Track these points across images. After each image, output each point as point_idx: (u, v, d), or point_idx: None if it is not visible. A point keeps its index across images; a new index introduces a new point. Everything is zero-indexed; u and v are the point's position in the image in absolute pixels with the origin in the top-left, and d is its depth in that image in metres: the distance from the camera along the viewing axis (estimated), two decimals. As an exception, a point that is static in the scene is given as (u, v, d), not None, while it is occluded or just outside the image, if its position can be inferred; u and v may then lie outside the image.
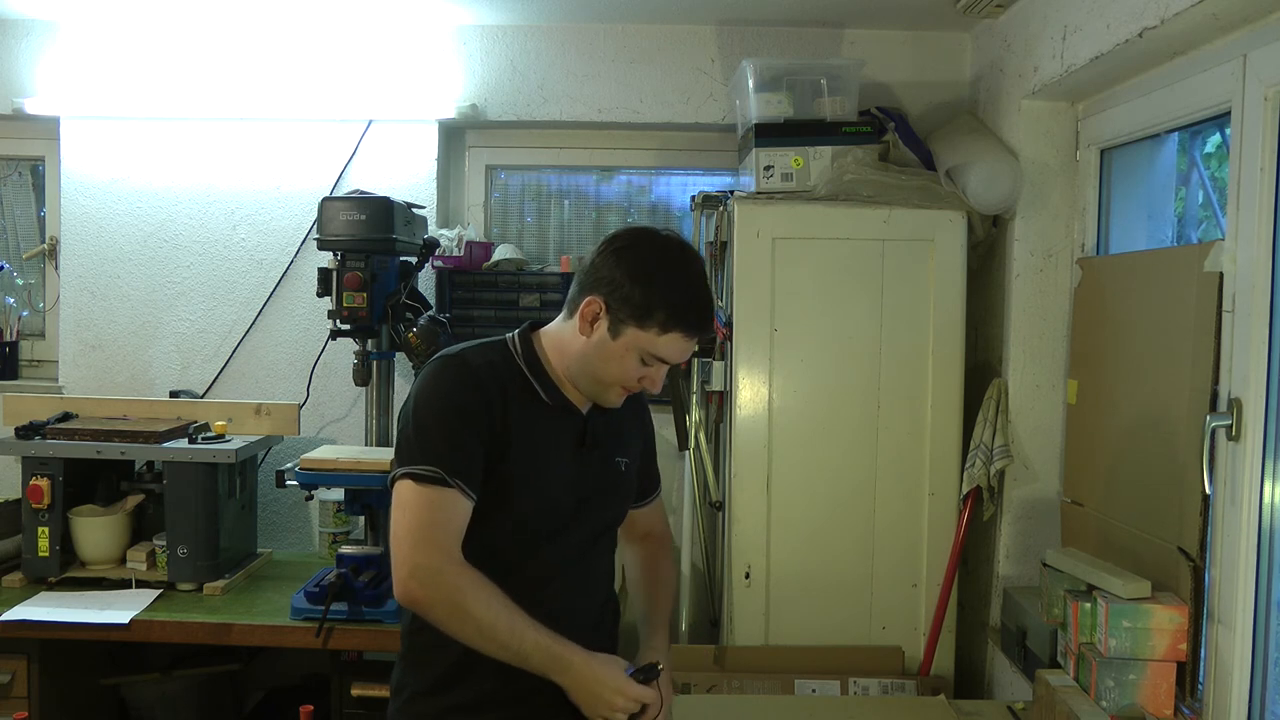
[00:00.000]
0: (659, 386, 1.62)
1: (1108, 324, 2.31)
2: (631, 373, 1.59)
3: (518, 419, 1.57)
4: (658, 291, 1.54)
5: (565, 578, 1.63)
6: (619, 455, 1.71)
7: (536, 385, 1.61)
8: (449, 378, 1.56)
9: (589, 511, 1.65)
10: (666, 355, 1.57)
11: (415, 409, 1.55)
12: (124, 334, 3.23)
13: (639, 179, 3.38)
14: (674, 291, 1.55)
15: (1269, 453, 1.80)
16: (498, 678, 1.56)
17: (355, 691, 2.51)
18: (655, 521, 1.89)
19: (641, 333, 1.55)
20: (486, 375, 1.57)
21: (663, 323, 1.54)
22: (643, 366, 1.58)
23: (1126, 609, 1.91)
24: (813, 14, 2.97)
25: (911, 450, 2.60)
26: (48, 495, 2.70)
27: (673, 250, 1.59)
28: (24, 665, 2.56)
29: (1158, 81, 2.15)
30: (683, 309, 1.55)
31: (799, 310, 2.58)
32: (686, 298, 1.56)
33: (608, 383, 1.60)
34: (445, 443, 1.52)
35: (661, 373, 1.61)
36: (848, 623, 2.61)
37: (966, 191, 2.53)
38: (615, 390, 1.62)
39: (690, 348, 1.60)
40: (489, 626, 1.46)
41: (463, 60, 3.14)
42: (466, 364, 1.57)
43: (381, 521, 2.75)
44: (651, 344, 1.55)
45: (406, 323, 2.80)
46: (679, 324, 1.55)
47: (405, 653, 1.66)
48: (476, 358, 1.59)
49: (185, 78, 3.16)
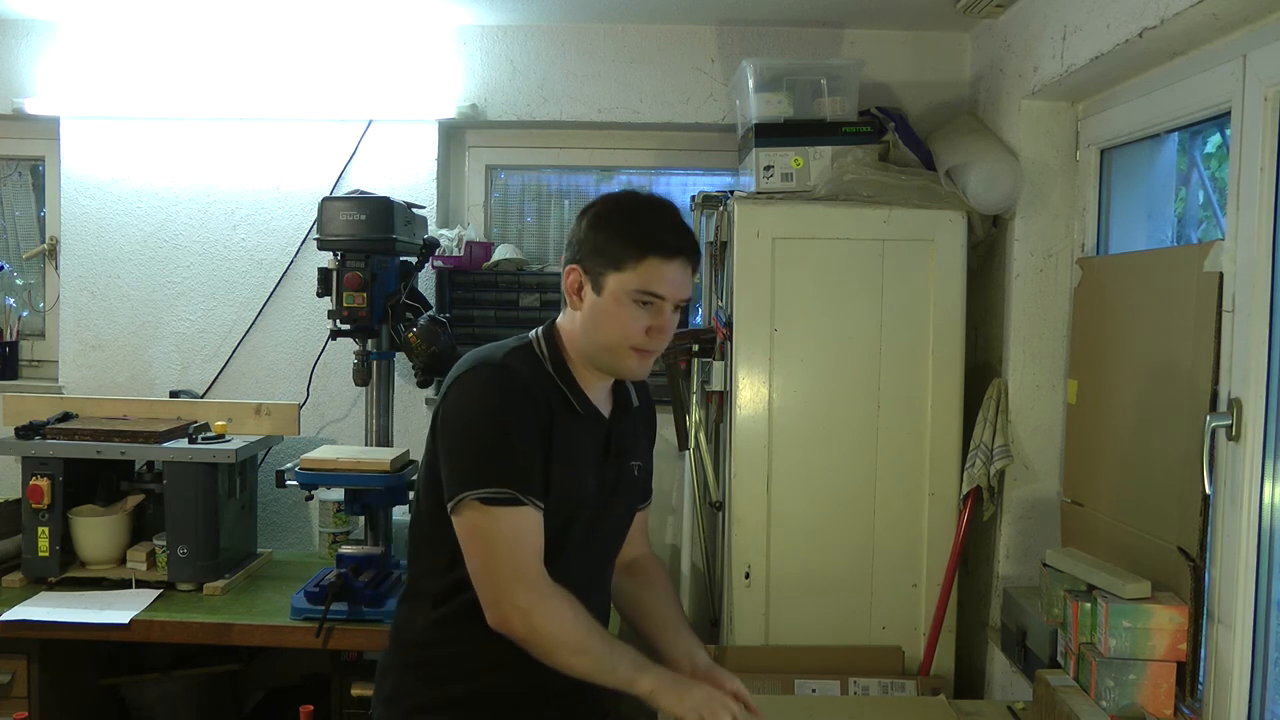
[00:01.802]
0: (668, 333, 1.54)
1: (1108, 324, 2.31)
2: (631, 325, 1.52)
3: (559, 430, 1.54)
4: (619, 228, 1.52)
5: (578, 585, 1.59)
6: (633, 459, 1.71)
7: (569, 394, 1.57)
8: (500, 389, 1.51)
9: (606, 517, 1.65)
10: (653, 286, 1.51)
11: (469, 423, 1.50)
12: (124, 334, 3.23)
13: (639, 179, 3.38)
14: (635, 223, 1.52)
15: (1269, 453, 1.80)
16: (518, 701, 1.57)
17: (355, 691, 2.51)
18: (641, 543, 1.83)
19: (621, 275, 1.51)
20: (534, 385, 1.53)
21: (635, 254, 1.50)
22: (642, 312, 1.52)
23: (1126, 609, 1.91)
24: (813, 14, 2.97)
25: (911, 450, 2.60)
26: (48, 495, 2.70)
27: (628, 194, 1.59)
28: (24, 665, 2.56)
29: (1158, 81, 2.15)
30: (648, 231, 1.51)
31: (799, 310, 2.58)
32: (649, 221, 1.53)
33: (616, 347, 1.54)
34: (511, 459, 1.48)
35: (665, 316, 1.53)
36: (848, 623, 2.61)
37: (966, 191, 2.53)
38: (627, 354, 1.55)
39: (681, 274, 1.53)
40: (588, 651, 1.48)
41: (463, 60, 3.14)
42: (514, 373, 1.52)
43: (381, 521, 2.75)
44: (635, 281, 1.50)
45: (406, 323, 2.80)
46: (650, 248, 1.50)
47: (414, 663, 1.61)
48: (517, 364, 1.54)
49: (185, 78, 3.16)
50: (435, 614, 1.59)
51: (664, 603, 1.76)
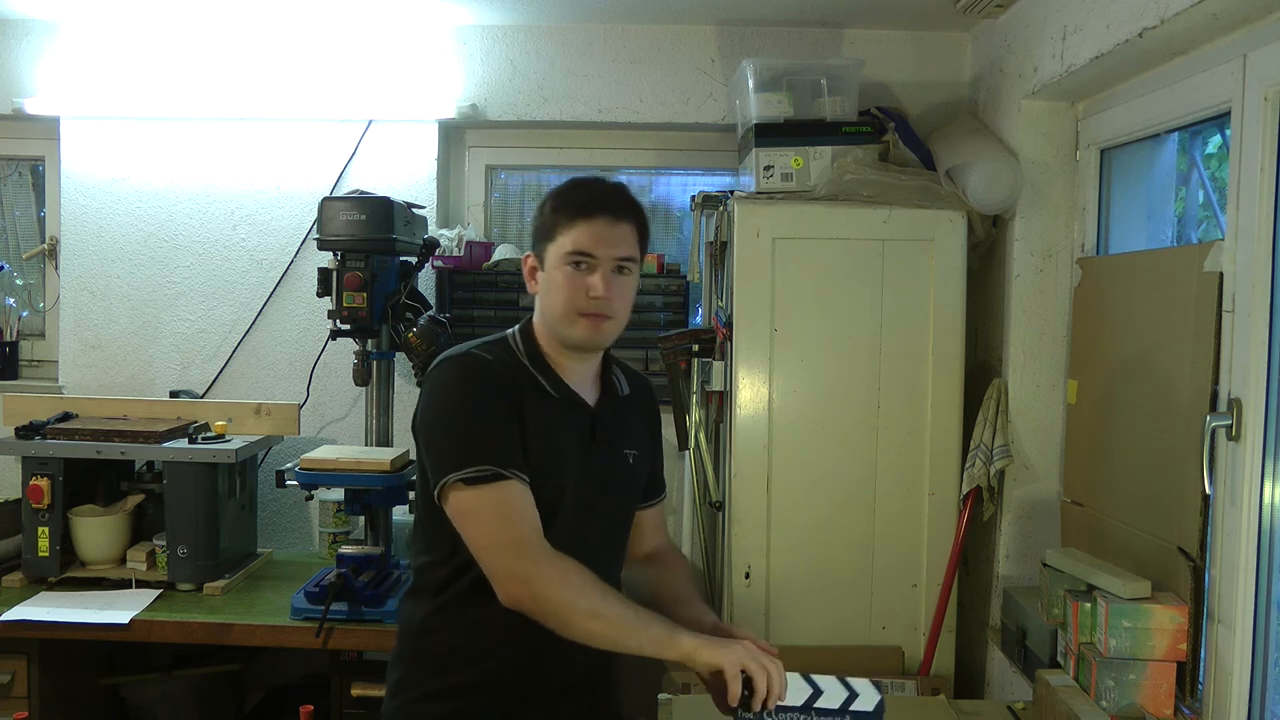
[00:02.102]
0: (610, 294, 1.57)
1: (1108, 324, 2.31)
2: (570, 288, 1.57)
3: (531, 412, 1.56)
4: (551, 204, 1.61)
5: None
6: (628, 448, 1.71)
7: (542, 379, 1.60)
8: (464, 374, 1.56)
9: (601, 505, 1.65)
10: (580, 245, 1.56)
11: (438, 412, 1.54)
12: (124, 334, 3.23)
13: (639, 179, 3.38)
14: (564, 195, 1.61)
15: (1269, 453, 1.80)
16: (522, 693, 1.57)
17: (355, 691, 2.51)
18: (659, 535, 1.85)
19: (555, 244, 1.58)
20: (500, 369, 1.57)
21: (564, 221, 1.57)
22: (578, 274, 1.56)
23: (1126, 609, 1.91)
24: (813, 14, 2.97)
25: (911, 450, 2.59)
26: (48, 495, 2.70)
27: (569, 179, 1.65)
28: (24, 665, 2.56)
29: (1158, 81, 2.15)
30: (573, 198, 1.59)
31: (799, 310, 2.58)
32: (576, 190, 1.61)
33: (564, 315, 1.58)
34: (485, 437, 1.51)
35: (601, 274, 1.57)
36: (848, 623, 2.61)
37: (966, 191, 2.53)
38: (576, 320, 1.58)
39: (608, 230, 1.57)
40: (601, 612, 1.44)
41: (462, 60, 3.14)
42: (477, 359, 1.58)
43: (381, 521, 2.75)
44: (567, 245, 1.57)
45: (406, 323, 2.80)
46: (574, 211, 1.57)
47: (418, 653, 1.63)
48: (484, 353, 1.59)
49: (185, 78, 3.16)
50: (434, 603, 1.62)
51: (680, 581, 1.76)
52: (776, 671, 1.43)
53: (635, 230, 1.61)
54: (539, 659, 1.58)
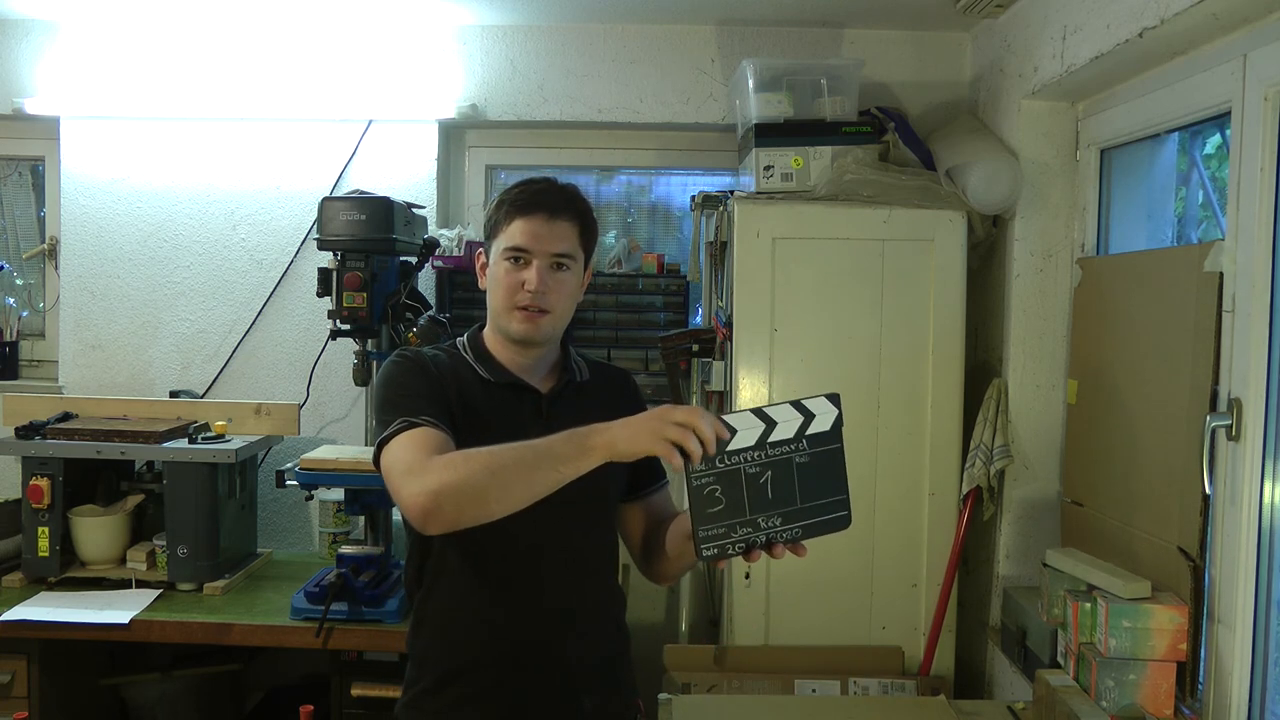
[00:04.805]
0: (536, 283, 1.59)
1: (1108, 324, 2.31)
2: (507, 284, 1.61)
3: (466, 397, 1.61)
4: (496, 203, 1.66)
5: (547, 556, 1.62)
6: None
7: (478, 366, 1.66)
8: (399, 362, 1.64)
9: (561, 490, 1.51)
10: (515, 240, 1.60)
11: (375, 400, 1.62)
12: (124, 334, 3.23)
13: (639, 179, 3.38)
14: (507, 194, 1.65)
15: (1269, 453, 1.80)
16: (496, 671, 1.60)
17: (355, 691, 2.51)
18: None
19: (496, 241, 1.64)
20: (431, 358, 1.65)
21: (504, 218, 1.63)
22: (514, 269, 1.61)
23: (1126, 609, 1.91)
24: (813, 14, 2.97)
25: (911, 450, 2.59)
26: (48, 495, 2.70)
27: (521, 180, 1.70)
28: (24, 665, 2.56)
29: (1158, 81, 2.15)
30: (512, 197, 1.63)
31: (799, 310, 2.58)
32: (518, 189, 1.65)
33: (502, 309, 1.63)
34: (405, 400, 1.55)
35: (534, 269, 1.59)
36: (848, 623, 2.61)
37: (966, 191, 2.53)
38: (512, 314, 1.62)
39: (542, 227, 1.60)
40: (499, 465, 1.38)
41: (463, 60, 3.14)
42: (416, 352, 1.67)
43: (381, 521, 2.75)
44: (504, 241, 1.62)
45: (406, 323, 2.80)
46: (512, 209, 1.62)
47: (412, 650, 1.70)
48: (428, 350, 1.69)
49: (185, 78, 3.16)
50: (416, 599, 1.69)
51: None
52: (703, 423, 1.34)
53: (575, 228, 1.65)
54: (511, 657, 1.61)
